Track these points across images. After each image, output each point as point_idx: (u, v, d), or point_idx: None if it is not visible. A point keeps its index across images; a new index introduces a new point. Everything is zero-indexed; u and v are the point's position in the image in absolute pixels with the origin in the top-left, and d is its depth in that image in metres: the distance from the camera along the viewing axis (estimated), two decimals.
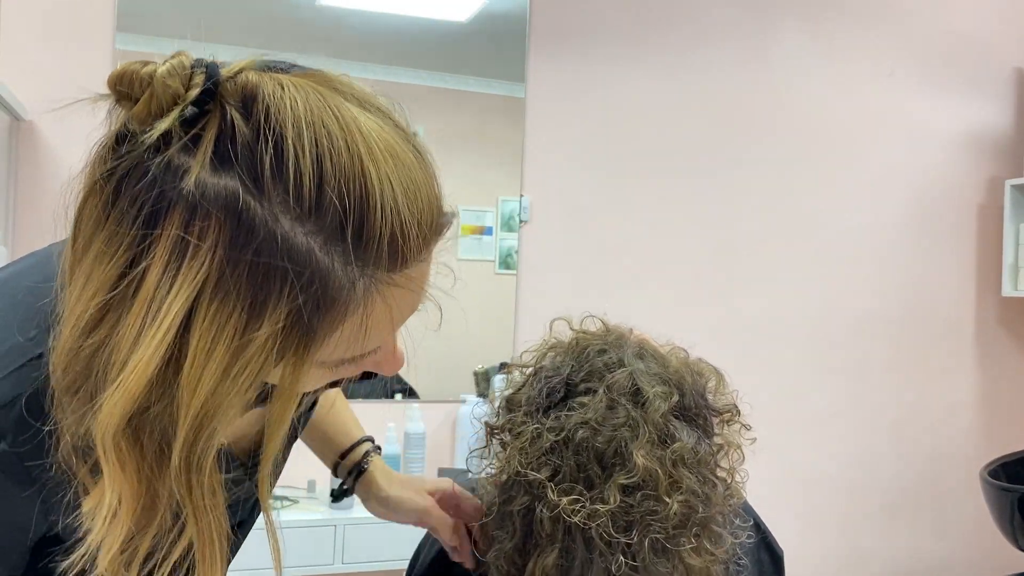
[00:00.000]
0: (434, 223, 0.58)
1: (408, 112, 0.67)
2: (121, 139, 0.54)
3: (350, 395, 1.20)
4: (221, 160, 0.51)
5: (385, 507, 1.05)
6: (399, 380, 2.66)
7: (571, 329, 0.94)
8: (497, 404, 0.93)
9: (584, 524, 0.81)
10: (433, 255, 0.61)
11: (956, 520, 3.21)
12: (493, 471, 0.92)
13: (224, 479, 0.73)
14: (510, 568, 0.88)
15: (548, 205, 2.76)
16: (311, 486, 2.38)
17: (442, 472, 2.49)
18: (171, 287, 0.50)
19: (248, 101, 0.52)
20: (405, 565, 1.16)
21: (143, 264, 0.51)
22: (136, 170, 0.52)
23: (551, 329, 0.95)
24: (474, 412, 0.95)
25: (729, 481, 0.88)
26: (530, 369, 0.93)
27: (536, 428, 0.86)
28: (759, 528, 1.05)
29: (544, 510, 0.82)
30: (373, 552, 2.26)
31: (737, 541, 0.89)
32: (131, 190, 0.52)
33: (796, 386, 3.02)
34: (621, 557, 0.81)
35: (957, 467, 3.19)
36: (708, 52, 2.92)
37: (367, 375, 0.70)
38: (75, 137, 2.42)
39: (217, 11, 2.43)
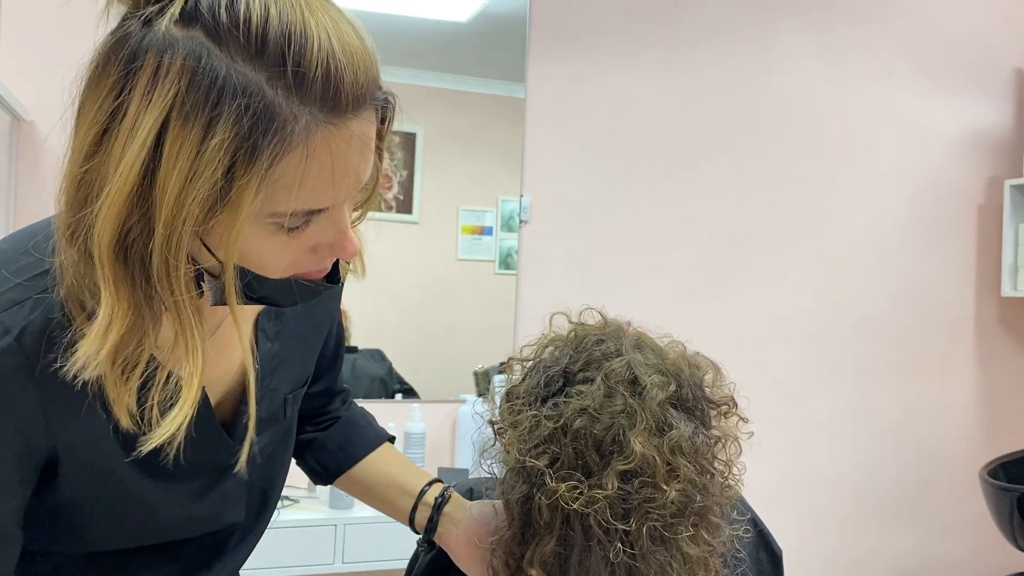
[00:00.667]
0: (370, 83, 0.68)
1: (408, 112, 0.76)
2: (115, 31, 0.66)
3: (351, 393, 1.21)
4: (188, 17, 0.63)
5: (475, 521, 1.01)
6: (399, 380, 2.66)
7: (569, 322, 0.95)
8: (498, 399, 0.94)
9: (582, 511, 0.81)
10: (377, 137, 0.71)
11: (956, 520, 3.21)
12: (496, 469, 0.92)
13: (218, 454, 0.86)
14: (508, 558, 0.88)
15: (548, 205, 2.76)
16: (311, 486, 2.38)
17: (442, 472, 2.49)
18: (146, 110, 0.63)
19: None
20: (405, 565, 1.16)
21: (124, 96, 0.64)
22: (122, 38, 0.65)
23: (550, 323, 0.95)
24: (475, 408, 0.96)
25: (726, 473, 0.89)
26: (530, 363, 0.93)
27: (534, 416, 0.86)
28: (757, 527, 1.06)
29: (542, 498, 0.83)
30: (373, 552, 2.26)
31: (735, 534, 0.89)
32: (117, 50, 0.65)
33: (796, 386, 3.02)
34: (619, 545, 0.81)
35: (957, 467, 3.19)
36: (708, 52, 2.92)
37: (331, 278, 0.78)
38: None
39: None
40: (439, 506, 1.04)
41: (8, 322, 0.71)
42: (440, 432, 2.67)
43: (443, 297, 2.66)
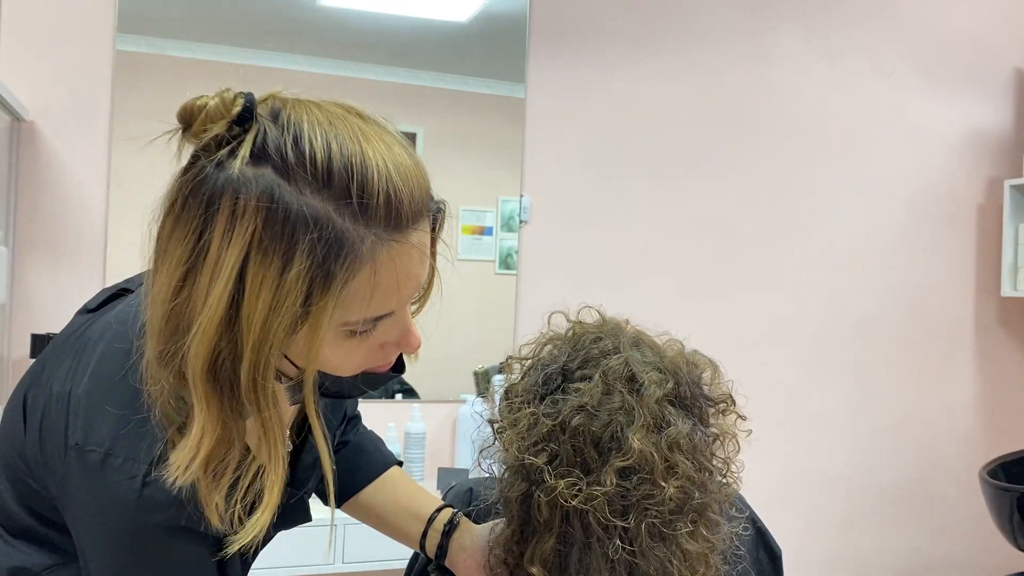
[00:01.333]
0: (424, 197, 0.74)
1: (408, 112, 0.85)
2: (187, 169, 0.71)
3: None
4: (257, 157, 0.69)
5: (483, 545, 1.02)
6: (399, 380, 2.66)
7: (568, 321, 0.95)
8: (497, 397, 0.94)
9: (581, 508, 0.81)
10: (431, 243, 0.77)
11: (956, 520, 3.21)
12: (496, 468, 0.92)
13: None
14: (507, 556, 0.88)
15: (548, 205, 2.76)
16: None
17: (442, 472, 2.49)
18: (228, 247, 0.68)
19: (276, 113, 0.71)
20: (405, 565, 1.16)
21: (207, 236, 0.69)
22: (198, 178, 0.69)
23: (548, 322, 0.95)
24: (474, 407, 0.96)
25: (725, 470, 0.89)
26: (528, 361, 0.93)
27: (533, 414, 0.87)
28: (757, 527, 1.06)
29: (542, 495, 0.83)
30: (373, 552, 2.26)
31: (734, 531, 0.89)
32: (196, 191, 0.69)
33: (796, 386, 3.02)
34: (618, 542, 0.82)
35: (957, 467, 3.19)
36: (708, 52, 2.92)
37: (397, 368, 0.86)
38: (75, 138, 2.45)
39: (217, 12, 2.44)
40: (448, 532, 1.06)
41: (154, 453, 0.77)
42: (440, 432, 2.67)
43: (443, 297, 2.66)
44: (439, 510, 1.09)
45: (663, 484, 0.82)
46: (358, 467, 1.15)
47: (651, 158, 2.86)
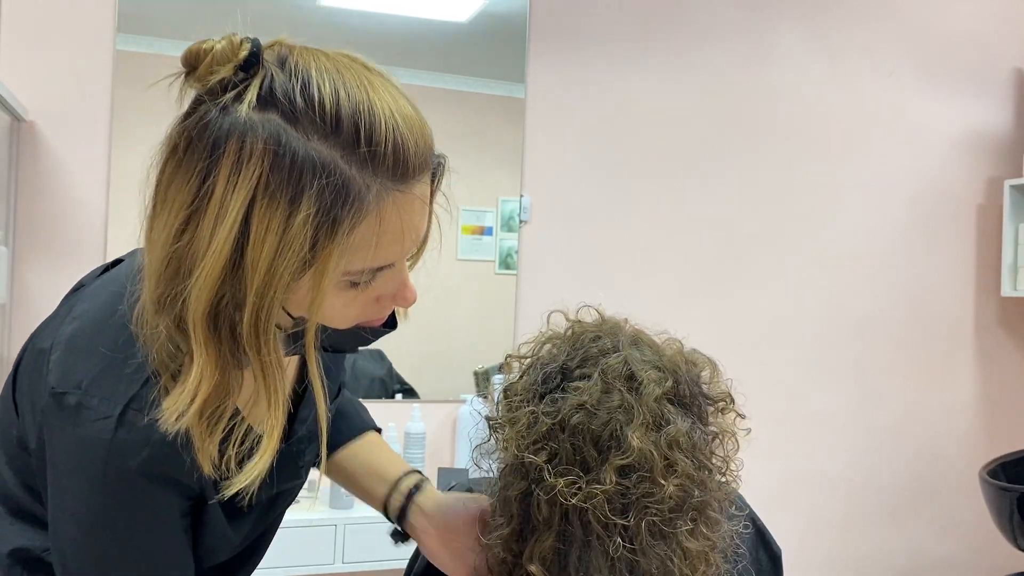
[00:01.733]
0: (427, 150, 0.74)
1: None
2: (189, 113, 0.70)
3: (351, 391, 1.21)
4: (264, 102, 0.69)
5: (443, 512, 1.03)
6: (399, 380, 2.66)
7: (567, 320, 0.95)
8: (496, 396, 0.94)
9: (581, 507, 0.81)
10: (433, 194, 0.78)
11: (956, 520, 3.21)
12: (495, 467, 0.92)
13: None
14: (507, 555, 0.88)
15: (548, 205, 2.76)
16: (311, 486, 2.38)
17: (442, 472, 2.49)
18: (233, 191, 0.67)
19: (283, 59, 0.71)
20: (405, 565, 1.16)
21: (211, 179, 0.68)
22: (202, 121, 0.69)
23: (548, 321, 0.95)
24: (473, 405, 0.97)
25: (724, 469, 0.89)
26: (527, 360, 0.94)
27: (532, 413, 0.86)
28: (756, 527, 1.05)
29: (541, 494, 0.83)
30: (373, 552, 2.26)
31: (734, 528, 0.89)
32: (200, 134, 0.69)
33: (796, 386, 3.02)
34: (619, 540, 0.82)
35: (957, 467, 3.19)
36: (708, 52, 2.92)
37: (389, 323, 0.86)
38: (75, 138, 2.45)
39: (217, 12, 2.43)
40: (411, 495, 1.05)
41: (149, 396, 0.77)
42: (440, 432, 2.67)
43: (443, 297, 2.66)
44: (408, 474, 1.08)
45: (663, 482, 0.82)
46: (337, 429, 1.15)
47: (651, 158, 2.86)
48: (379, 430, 1.19)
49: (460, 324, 2.69)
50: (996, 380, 3.27)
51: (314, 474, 2.19)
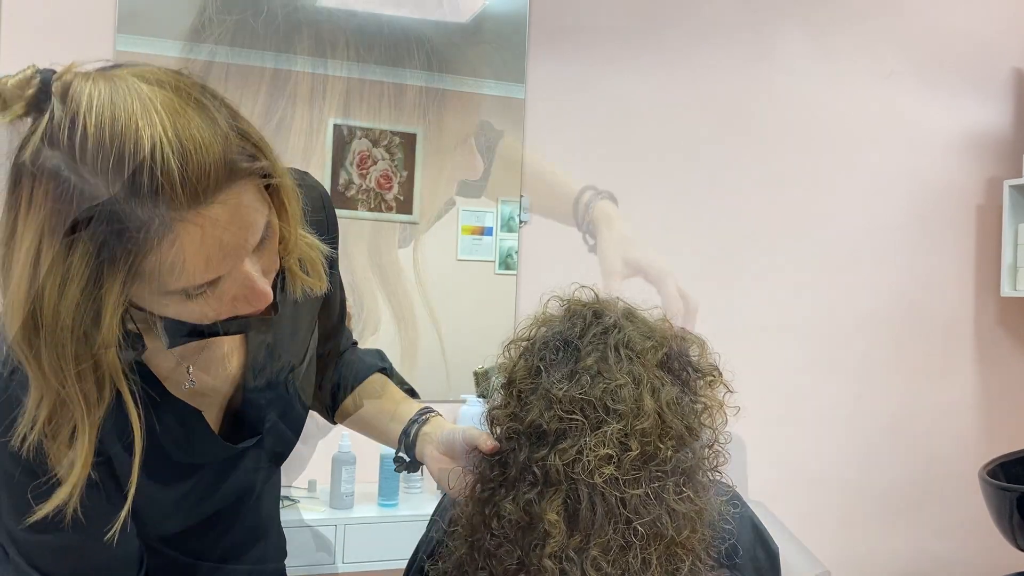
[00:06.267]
0: (216, 164, 0.70)
1: (408, 112, 0.81)
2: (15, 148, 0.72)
3: None
4: (50, 139, 0.69)
5: (449, 443, 1.07)
6: (399, 380, 2.66)
7: (563, 301, 1.02)
8: (497, 377, 1.01)
9: (586, 468, 0.87)
10: (245, 202, 0.74)
11: (956, 520, 3.21)
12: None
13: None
14: (521, 516, 0.91)
15: (548, 205, 2.76)
16: (312, 486, 2.38)
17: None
18: (25, 229, 0.70)
19: (65, 90, 0.70)
20: (404, 565, 1.16)
21: (14, 214, 0.71)
22: (12, 159, 0.71)
23: (545, 306, 1.02)
24: (470, 402, 1.04)
25: (712, 439, 0.95)
26: (524, 343, 1.00)
27: (537, 382, 0.93)
28: (754, 525, 1.06)
29: (552, 457, 0.89)
30: (373, 552, 2.26)
31: (722, 499, 0.95)
32: (11, 172, 0.71)
33: (796, 386, 3.02)
34: (616, 498, 0.88)
35: (957, 467, 3.19)
36: (708, 53, 2.92)
37: (273, 308, 0.82)
38: None
39: (217, 12, 2.44)
40: (419, 423, 1.13)
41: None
42: None
43: (443, 297, 2.66)
44: (422, 412, 1.15)
45: (660, 445, 0.89)
46: (343, 378, 1.21)
47: (651, 158, 2.86)
48: (383, 369, 1.25)
49: (460, 324, 2.69)
50: (995, 380, 3.27)
51: (314, 474, 2.22)
